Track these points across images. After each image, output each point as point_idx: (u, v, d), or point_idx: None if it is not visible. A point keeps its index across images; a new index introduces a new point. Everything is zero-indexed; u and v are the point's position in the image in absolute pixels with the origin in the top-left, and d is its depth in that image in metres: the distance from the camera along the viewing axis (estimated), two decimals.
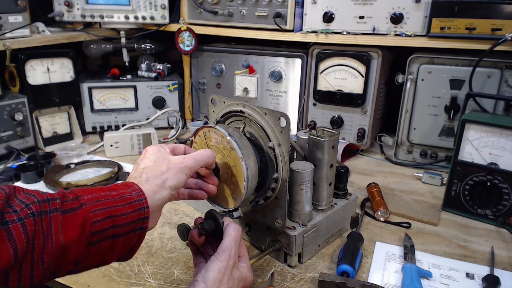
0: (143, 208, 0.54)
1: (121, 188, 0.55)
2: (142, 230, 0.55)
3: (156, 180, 0.58)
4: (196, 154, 0.64)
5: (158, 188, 0.57)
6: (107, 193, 0.53)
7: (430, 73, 1.17)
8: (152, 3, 1.46)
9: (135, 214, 0.53)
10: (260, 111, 0.72)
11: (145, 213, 0.54)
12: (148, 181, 0.57)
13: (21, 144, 1.28)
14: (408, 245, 0.84)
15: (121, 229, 0.52)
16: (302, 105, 1.40)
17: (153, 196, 0.56)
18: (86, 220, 0.49)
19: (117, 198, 0.53)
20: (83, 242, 0.49)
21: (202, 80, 1.57)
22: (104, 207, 0.51)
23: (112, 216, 0.51)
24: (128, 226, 0.53)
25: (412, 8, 1.15)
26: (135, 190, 0.55)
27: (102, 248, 0.51)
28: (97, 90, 1.47)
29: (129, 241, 0.54)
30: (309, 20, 1.28)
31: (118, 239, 0.52)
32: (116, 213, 0.52)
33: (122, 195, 0.54)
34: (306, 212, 0.78)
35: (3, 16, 1.21)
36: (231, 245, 0.61)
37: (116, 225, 0.52)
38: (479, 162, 0.96)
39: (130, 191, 0.55)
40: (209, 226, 0.65)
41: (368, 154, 1.38)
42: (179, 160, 0.62)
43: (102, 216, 0.50)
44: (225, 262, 0.59)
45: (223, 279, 0.58)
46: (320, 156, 0.79)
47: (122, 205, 0.53)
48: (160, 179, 0.58)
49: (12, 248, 0.43)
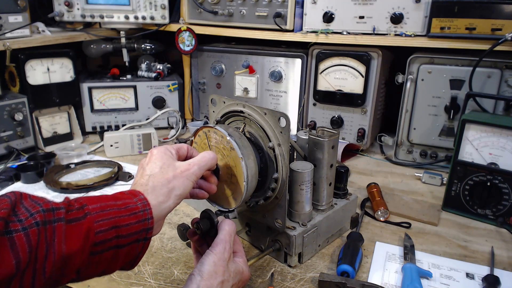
0: (148, 219, 0.54)
1: (127, 197, 0.54)
2: (146, 240, 0.54)
3: (163, 189, 0.57)
4: (200, 159, 0.64)
5: (164, 198, 0.57)
6: (112, 202, 0.53)
7: (430, 73, 1.17)
8: (152, 3, 1.46)
9: (140, 225, 0.53)
10: (260, 111, 0.72)
11: (149, 224, 0.54)
12: (154, 190, 0.56)
13: (21, 144, 1.28)
14: (408, 245, 0.84)
15: (125, 239, 0.52)
16: (302, 105, 1.40)
17: (159, 206, 0.56)
18: (90, 230, 0.49)
19: (122, 208, 0.52)
20: (86, 252, 0.49)
21: (202, 80, 1.57)
22: (108, 217, 0.51)
23: (116, 227, 0.51)
24: (132, 237, 0.52)
25: (412, 8, 1.15)
26: (141, 200, 0.55)
27: (105, 258, 0.51)
28: (97, 90, 1.47)
29: (133, 251, 0.54)
30: (309, 20, 1.28)
31: (121, 249, 0.52)
32: (120, 224, 0.51)
33: (127, 205, 0.53)
34: (306, 212, 0.78)
35: (3, 16, 1.22)
36: (226, 238, 0.62)
37: (120, 235, 0.51)
38: (479, 162, 0.96)
39: (136, 200, 0.54)
40: (204, 226, 0.66)
41: (368, 154, 1.38)
42: (185, 167, 0.61)
43: (106, 227, 0.50)
44: (219, 254, 0.60)
45: (218, 271, 0.58)
46: (320, 156, 0.79)
47: (126, 215, 0.52)
48: (167, 188, 0.57)
49: (15, 258, 0.43)
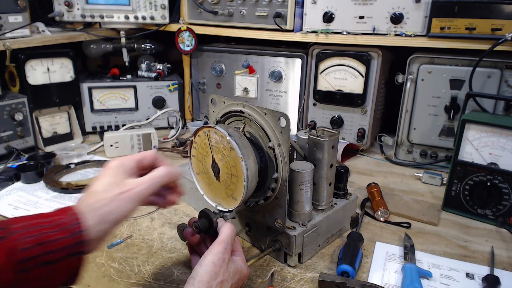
0: (78, 232, 0.53)
1: (58, 214, 0.55)
2: (80, 254, 0.54)
3: (99, 211, 0.56)
4: (150, 177, 0.62)
5: (97, 220, 0.56)
6: (40, 220, 0.54)
7: (430, 73, 1.17)
8: (152, 3, 1.46)
9: (70, 239, 0.53)
10: (260, 111, 0.72)
11: (81, 237, 0.53)
12: (90, 209, 0.56)
13: (21, 144, 1.28)
14: (408, 245, 0.84)
15: (54, 254, 0.52)
16: (302, 105, 1.40)
17: (93, 227, 0.55)
18: (13, 248, 0.50)
19: (49, 225, 0.53)
20: (11, 270, 0.49)
21: (202, 80, 1.57)
22: (34, 235, 0.51)
23: (43, 243, 0.51)
24: (63, 252, 0.52)
25: (412, 8, 1.15)
26: (72, 214, 0.55)
27: (37, 275, 0.51)
28: (97, 90, 1.47)
29: (71, 265, 0.54)
30: (309, 20, 1.28)
31: (54, 265, 0.52)
32: (47, 239, 0.52)
33: (56, 221, 0.54)
34: (306, 212, 0.78)
35: (3, 16, 1.22)
36: (226, 240, 0.62)
37: (49, 251, 0.52)
38: (479, 162, 0.96)
39: (68, 215, 0.55)
40: (203, 225, 0.66)
41: (368, 154, 1.38)
42: (133, 185, 0.59)
43: (31, 243, 0.51)
44: (219, 255, 0.60)
45: (217, 272, 0.59)
46: (320, 156, 0.79)
47: (54, 231, 0.52)
48: (103, 211, 0.56)
49: None
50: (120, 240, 0.85)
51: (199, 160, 0.77)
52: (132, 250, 0.83)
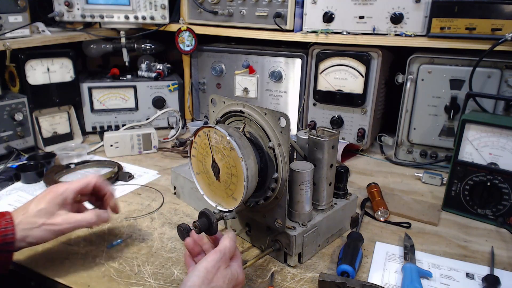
0: (8, 235, 0.66)
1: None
2: (8, 252, 0.67)
3: (24, 231, 0.68)
4: (80, 219, 0.73)
5: (19, 237, 0.67)
6: None
7: (430, 73, 1.17)
8: (152, 3, 1.46)
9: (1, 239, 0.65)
10: (260, 111, 0.72)
11: (10, 238, 0.66)
12: (20, 224, 0.68)
13: (21, 144, 1.28)
14: (408, 245, 0.84)
15: None
16: (302, 105, 1.40)
17: (16, 242, 0.67)
18: None
19: None
20: None
21: (202, 80, 1.57)
22: None
23: None
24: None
25: (412, 8, 1.15)
26: (6, 219, 0.67)
27: None
28: (97, 90, 1.47)
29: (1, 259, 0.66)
30: (309, 20, 1.28)
31: None
32: None
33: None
34: (306, 212, 0.78)
35: (3, 16, 1.21)
36: (224, 250, 0.64)
37: None
38: (479, 162, 0.96)
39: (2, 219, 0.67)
40: (202, 224, 0.67)
41: (368, 154, 1.38)
42: (59, 221, 0.70)
43: None
44: (213, 262, 0.61)
45: (212, 278, 0.60)
46: (320, 156, 0.79)
47: None
48: (24, 233, 0.68)
49: None
50: (120, 240, 0.85)
51: (199, 160, 0.77)
52: (132, 250, 0.83)
